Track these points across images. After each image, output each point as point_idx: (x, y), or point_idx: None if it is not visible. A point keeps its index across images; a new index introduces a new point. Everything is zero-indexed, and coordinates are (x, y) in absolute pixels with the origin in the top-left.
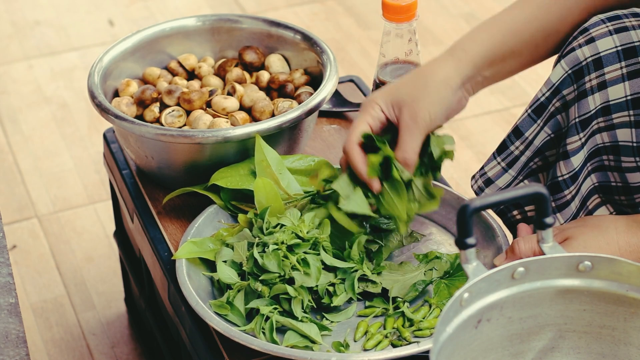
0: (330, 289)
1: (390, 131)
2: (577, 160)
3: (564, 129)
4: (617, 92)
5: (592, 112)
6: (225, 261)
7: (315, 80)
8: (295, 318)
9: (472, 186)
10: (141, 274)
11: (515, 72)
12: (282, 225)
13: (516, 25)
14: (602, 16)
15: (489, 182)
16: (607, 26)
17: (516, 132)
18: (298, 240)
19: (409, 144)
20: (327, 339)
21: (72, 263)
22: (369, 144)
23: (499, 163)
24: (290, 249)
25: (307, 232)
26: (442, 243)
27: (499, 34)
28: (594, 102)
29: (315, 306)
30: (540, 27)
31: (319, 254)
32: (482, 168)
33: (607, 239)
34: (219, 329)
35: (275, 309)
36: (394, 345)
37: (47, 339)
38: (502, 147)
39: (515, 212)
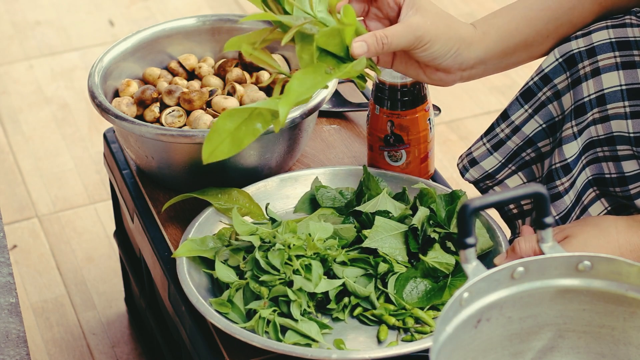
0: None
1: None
2: (569, 150)
3: (557, 118)
4: (611, 80)
5: (586, 100)
6: (226, 260)
7: None
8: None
9: (457, 165)
10: (141, 274)
11: (515, 66)
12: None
13: (531, 13)
14: None
15: (473, 162)
16: (605, 22)
17: (504, 114)
18: (303, 252)
19: (395, 38)
20: (329, 337)
21: (72, 263)
22: None
23: (484, 144)
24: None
25: (313, 241)
26: None
27: (513, 22)
28: (587, 89)
29: (314, 312)
30: (553, 17)
31: (322, 262)
32: (470, 148)
33: (607, 238)
34: (219, 326)
35: (274, 310)
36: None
37: (47, 339)
38: (489, 129)
39: (512, 206)
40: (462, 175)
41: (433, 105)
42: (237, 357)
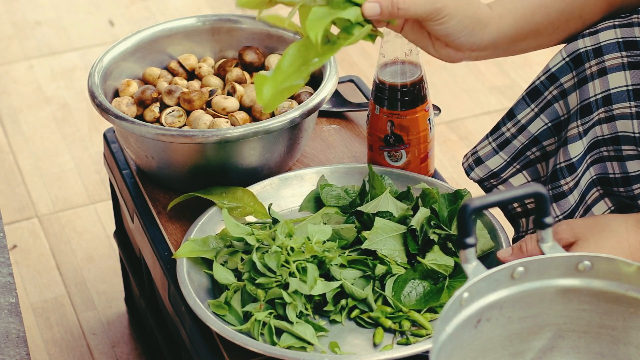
0: (343, 302)
1: None
2: (574, 149)
3: (563, 117)
4: (618, 80)
5: (592, 100)
6: (225, 262)
7: (315, 80)
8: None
9: (462, 164)
10: (141, 274)
11: (521, 53)
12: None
13: (546, 1)
14: None
15: (479, 161)
16: (612, 21)
17: (509, 113)
18: (301, 255)
19: (413, 5)
20: (325, 339)
21: (72, 263)
22: None
23: (490, 143)
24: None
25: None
26: None
27: (529, 8)
28: (593, 88)
29: (311, 314)
30: (566, 9)
31: (319, 264)
32: (475, 147)
33: (617, 238)
34: (214, 329)
35: (270, 313)
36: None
37: (47, 339)
38: (495, 128)
39: (515, 205)
40: (467, 175)
41: (433, 105)
42: (237, 357)
